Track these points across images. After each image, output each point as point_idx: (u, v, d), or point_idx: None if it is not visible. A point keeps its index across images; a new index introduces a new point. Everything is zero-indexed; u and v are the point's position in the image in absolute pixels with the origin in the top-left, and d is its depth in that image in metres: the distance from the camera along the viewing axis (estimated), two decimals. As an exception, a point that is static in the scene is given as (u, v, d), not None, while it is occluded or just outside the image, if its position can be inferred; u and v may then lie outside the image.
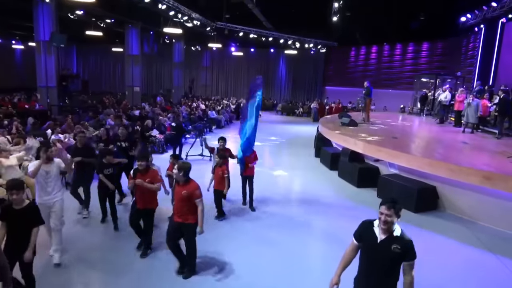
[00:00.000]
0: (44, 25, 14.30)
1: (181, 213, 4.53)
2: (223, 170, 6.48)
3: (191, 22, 17.87)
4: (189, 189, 4.48)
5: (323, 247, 5.84)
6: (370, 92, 12.24)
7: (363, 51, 27.80)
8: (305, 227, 6.54)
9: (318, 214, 7.16)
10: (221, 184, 6.47)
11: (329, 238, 6.13)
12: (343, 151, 9.69)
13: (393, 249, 2.90)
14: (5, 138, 9.04)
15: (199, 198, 4.51)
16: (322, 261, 5.36)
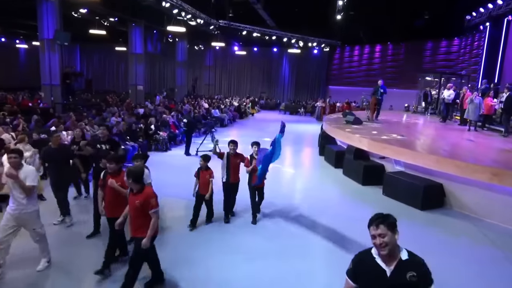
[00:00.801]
0: (48, 23, 14.31)
1: (137, 226, 3.92)
2: (210, 173, 5.94)
3: (194, 21, 17.86)
4: (142, 198, 3.82)
5: (330, 247, 5.76)
6: (377, 91, 12.18)
7: (366, 50, 27.73)
8: (310, 226, 6.48)
9: (323, 213, 7.09)
10: (206, 188, 5.91)
11: (335, 236, 6.07)
12: (348, 149, 9.63)
13: (409, 279, 2.23)
14: (10, 135, 9.06)
15: (155, 208, 3.85)
16: (327, 263, 5.30)
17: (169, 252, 5.01)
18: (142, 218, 3.86)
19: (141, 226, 3.88)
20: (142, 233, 3.86)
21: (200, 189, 5.98)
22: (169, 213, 6.60)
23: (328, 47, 26.17)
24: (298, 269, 4.87)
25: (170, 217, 6.45)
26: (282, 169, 10.44)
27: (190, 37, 24.90)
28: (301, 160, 11.96)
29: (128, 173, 3.89)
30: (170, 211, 6.68)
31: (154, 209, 3.85)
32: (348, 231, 6.18)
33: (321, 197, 8.03)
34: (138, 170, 3.97)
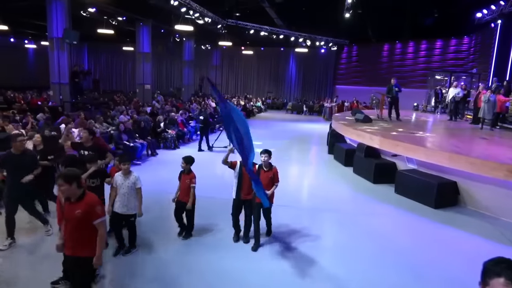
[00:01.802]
0: (57, 22, 14.37)
1: (74, 242, 3.19)
2: (191, 178, 5.25)
3: (202, 19, 17.83)
4: (84, 206, 3.13)
5: (345, 247, 5.67)
6: (391, 90, 12.05)
7: (374, 49, 27.51)
8: (322, 225, 6.40)
9: (335, 211, 7.01)
10: (187, 195, 5.24)
11: (350, 236, 5.97)
12: (358, 147, 9.52)
13: None
14: (20, 131, 9.09)
15: (100, 218, 3.19)
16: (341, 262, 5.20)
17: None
18: (83, 232, 3.16)
19: (83, 242, 3.17)
20: (85, 251, 3.17)
21: (180, 194, 5.35)
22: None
23: (335, 46, 26.00)
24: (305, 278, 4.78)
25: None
26: (292, 168, 10.36)
27: (197, 36, 24.90)
28: (310, 159, 11.86)
29: (65, 178, 3.11)
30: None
31: (101, 218, 3.21)
32: (363, 228, 6.11)
33: (333, 196, 7.93)
34: (73, 173, 3.20)
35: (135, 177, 4.79)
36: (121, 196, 4.72)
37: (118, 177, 4.77)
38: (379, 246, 5.47)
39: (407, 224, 6.52)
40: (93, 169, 4.83)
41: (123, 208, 4.72)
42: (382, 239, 5.73)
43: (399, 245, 5.56)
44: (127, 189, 4.72)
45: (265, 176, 5.07)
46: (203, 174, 6.08)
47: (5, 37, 28.47)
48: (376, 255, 5.18)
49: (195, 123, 14.37)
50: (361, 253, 5.21)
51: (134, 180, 4.76)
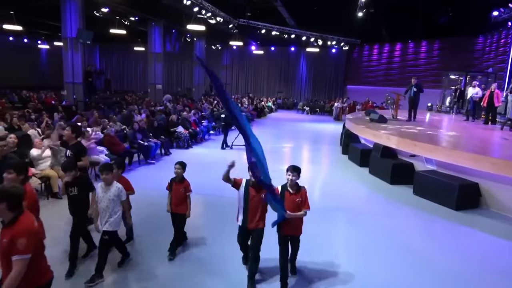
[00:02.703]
0: (71, 22, 14.48)
1: (5, 275, 2.51)
2: (186, 186, 4.71)
3: (214, 19, 17.81)
4: (10, 235, 2.45)
5: (362, 249, 5.54)
6: (410, 90, 11.81)
7: (386, 49, 27.23)
8: (338, 226, 6.28)
9: (352, 212, 6.88)
10: (182, 205, 4.72)
11: (368, 237, 5.84)
12: (374, 147, 9.37)
13: None
14: (36, 130, 9.15)
15: (18, 255, 2.41)
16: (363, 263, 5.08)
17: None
18: (6, 266, 2.48)
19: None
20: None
21: (173, 206, 4.72)
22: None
23: (347, 45, 25.78)
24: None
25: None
26: (306, 168, 10.26)
27: (208, 36, 24.92)
28: (324, 159, 11.73)
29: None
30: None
31: (19, 256, 2.41)
32: (380, 229, 5.98)
33: (349, 196, 7.81)
34: (13, 192, 2.54)
35: (117, 188, 4.15)
36: (101, 210, 4.14)
37: (99, 188, 4.17)
38: (398, 248, 5.34)
39: (426, 226, 6.37)
40: (67, 179, 4.28)
41: (104, 225, 4.13)
42: (401, 241, 5.60)
43: (419, 247, 5.41)
44: (108, 203, 4.10)
45: (291, 200, 3.92)
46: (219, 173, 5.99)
47: (19, 38, 28.87)
48: (394, 257, 5.05)
49: (207, 122, 14.35)
50: (379, 256, 5.09)
51: (117, 192, 4.13)
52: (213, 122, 14.88)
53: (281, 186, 4.03)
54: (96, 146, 8.04)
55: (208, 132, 13.82)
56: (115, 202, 4.14)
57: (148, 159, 9.51)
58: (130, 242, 5.06)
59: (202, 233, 5.50)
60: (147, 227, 5.63)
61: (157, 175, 8.53)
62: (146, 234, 5.38)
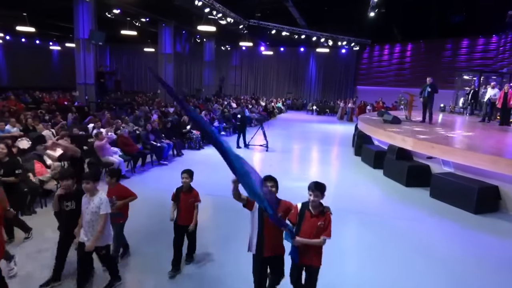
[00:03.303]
0: (84, 23, 14.59)
1: None
2: (195, 196, 4.35)
3: (225, 20, 17.80)
4: None
5: (377, 253, 5.44)
6: (425, 90, 11.58)
7: (397, 49, 26.96)
8: (352, 229, 6.18)
9: (366, 214, 6.78)
10: (189, 217, 4.31)
11: (383, 241, 5.74)
12: (389, 149, 9.24)
13: None
14: (50, 131, 9.21)
15: None
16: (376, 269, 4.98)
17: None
18: None
19: None
20: None
21: (180, 218, 4.30)
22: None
23: (358, 46, 25.58)
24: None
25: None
26: (319, 169, 10.17)
27: (218, 37, 24.94)
28: (336, 160, 11.60)
29: None
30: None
31: None
32: (396, 232, 5.88)
33: (363, 199, 7.70)
34: None
35: (99, 200, 3.74)
36: (85, 223, 3.76)
37: (84, 199, 3.82)
38: (414, 252, 5.23)
39: (444, 229, 6.24)
40: (62, 192, 3.83)
41: (87, 240, 3.75)
42: (417, 245, 5.49)
43: (436, 251, 5.29)
44: (91, 215, 3.73)
45: (311, 223, 3.26)
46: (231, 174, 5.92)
47: (31, 39, 29.23)
48: (410, 262, 4.94)
49: (218, 123, 14.33)
50: (395, 260, 4.98)
51: (98, 203, 3.73)
52: (224, 123, 14.85)
53: (301, 203, 3.38)
54: (110, 147, 8.05)
55: (220, 133, 13.79)
56: (97, 214, 3.74)
57: (161, 160, 9.51)
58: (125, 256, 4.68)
59: (211, 240, 5.23)
60: (153, 232, 5.53)
61: (170, 176, 8.52)
62: (148, 241, 5.18)
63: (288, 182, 8.64)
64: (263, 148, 12.13)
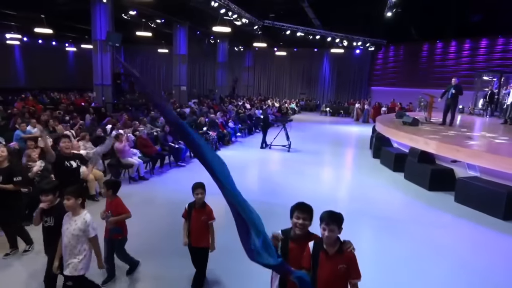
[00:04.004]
0: (101, 25, 14.73)
1: None
2: (208, 213, 3.80)
3: (240, 21, 17.76)
4: None
5: (400, 260, 5.28)
6: (448, 91, 11.23)
7: (413, 49, 26.54)
8: (374, 234, 6.03)
9: (388, 219, 6.62)
10: (204, 237, 3.79)
11: (406, 247, 5.58)
12: (411, 151, 9.04)
13: None
14: (70, 132, 9.27)
15: None
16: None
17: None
18: None
19: None
20: None
21: (193, 238, 3.77)
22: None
23: (373, 46, 25.27)
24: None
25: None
26: (337, 172, 10.02)
27: (231, 38, 24.93)
28: (354, 163, 11.44)
29: None
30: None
31: None
32: (419, 238, 5.72)
33: (384, 203, 7.54)
34: None
35: (84, 221, 3.21)
36: (63, 246, 3.24)
37: (65, 217, 3.29)
38: (439, 259, 5.06)
39: (471, 236, 6.05)
40: (44, 206, 3.40)
41: (65, 267, 3.22)
42: (443, 251, 5.32)
43: (464, 258, 5.12)
44: (71, 238, 3.19)
45: (331, 268, 2.50)
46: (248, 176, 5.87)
47: (48, 41, 29.71)
48: (435, 270, 4.78)
49: (233, 124, 14.28)
50: (419, 267, 4.82)
51: (83, 225, 3.20)
52: (239, 124, 14.80)
53: (313, 243, 2.61)
54: (129, 148, 8.06)
55: (235, 134, 13.75)
56: (80, 238, 3.19)
57: (179, 162, 9.50)
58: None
59: (227, 256, 4.51)
60: (173, 236, 5.48)
61: (188, 178, 8.46)
62: (158, 254, 4.85)
63: (310, 184, 8.56)
64: (284, 149, 12.23)
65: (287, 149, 12.14)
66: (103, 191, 4.20)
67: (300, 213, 2.64)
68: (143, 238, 5.26)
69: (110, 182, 4.09)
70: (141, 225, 5.82)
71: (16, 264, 4.50)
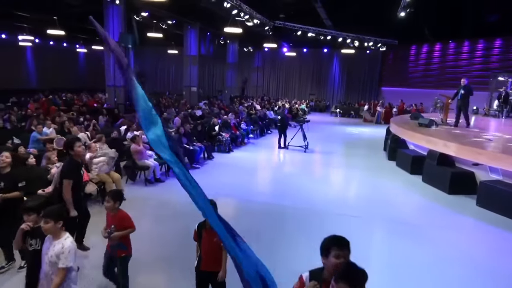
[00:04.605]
0: (113, 26, 14.75)
1: None
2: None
3: (251, 21, 17.69)
4: None
5: (421, 265, 5.15)
6: (458, 92, 11.01)
7: (425, 49, 26.23)
8: (392, 239, 5.90)
9: (406, 224, 6.50)
10: (217, 260, 3.29)
11: (426, 252, 5.45)
12: (429, 154, 8.88)
13: None
14: (85, 134, 9.29)
15: None
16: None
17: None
18: None
19: None
20: None
21: (203, 262, 3.34)
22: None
23: (384, 46, 25.01)
24: None
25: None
26: (353, 174, 9.88)
27: (241, 38, 24.87)
28: (369, 165, 11.21)
29: None
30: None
31: None
32: (440, 243, 5.60)
33: (402, 206, 7.44)
34: None
35: (61, 247, 2.79)
36: (42, 274, 2.90)
37: (46, 241, 2.93)
38: (463, 265, 4.95)
39: (495, 240, 5.91)
40: (25, 227, 3.11)
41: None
42: (466, 257, 5.21)
43: (487, 265, 4.98)
44: (49, 266, 2.82)
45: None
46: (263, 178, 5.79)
47: (59, 42, 29.95)
48: (457, 276, 4.67)
49: (245, 125, 14.21)
50: (443, 274, 4.69)
51: (58, 251, 2.78)
52: (251, 125, 14.72)
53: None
54: (145, 150, 8.03)
55: (248, 135, 13.68)
56: (56, 266, 2.78)
57: (193, 163, 9.45)
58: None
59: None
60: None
61: (204, 180, 8.32)
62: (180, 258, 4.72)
63: (326, 187, 8.45)
64: (300, 149, 12.34)
65: (304, 150, 12.22)
66: (106, 203, 3.54)
67: (340, 250, 2.16)
68: (158, 246, 5.24)
69: (116, 193, 3.65)
70: (158, 229, 5.79)
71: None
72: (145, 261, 4.56)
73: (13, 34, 24.41)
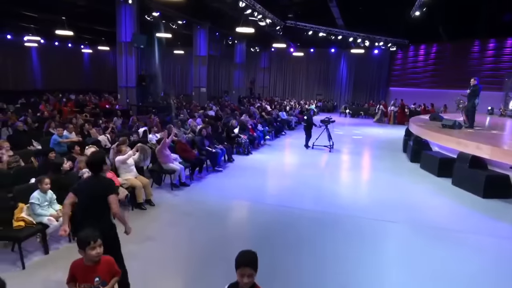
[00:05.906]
0: (126, 26, 14.54)
1: None
2: None
3: (264, 21, 17.46)
4: None
5: (458, 274, 4.90)
6: (478, 92, 10.83)
7: (434, 49, 26.02)
8: (425, 245, 5.65)
9: (438, 229, 6.26)
10: None
11: (462, 260, 5.21)
12: (460, 156, 8.65)
13: None
14: (106, 136, 9.06)
15: None
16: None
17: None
18: None
19: None
20: None
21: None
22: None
23: (394, 46, 24.79)
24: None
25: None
26: (376, 176, 9.64)
27: (251, 38, 24.64)
28: (391, 167, 10.95)
29: None
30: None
31: None
32: (477, 250, 5.38)
33: (433, 210, 7.19)
34: None
35: None
36: None
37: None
38: (504, 274, 4.71)
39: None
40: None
41: None
42: (505, 265, 4.95)
43: None
44: None
45: None
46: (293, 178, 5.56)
47: (64, 42, 29.72)
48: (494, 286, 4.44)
49: (261, 127, 13.98)
50: (486, 283, 4.47)
51: None
52: (267, 127, 14.49)
53: None
54: (170, 153, 7.79)
55: (264, 137, 13.45)
56: None
57: (216, 167, 9.22)
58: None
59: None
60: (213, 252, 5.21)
61: (228, 183, 8.29)
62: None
63: (350, 190, 8.21)
64: (325, 149, 12.42)
65: (329, 150, 12.29)
66: (94, 253, 2.70)
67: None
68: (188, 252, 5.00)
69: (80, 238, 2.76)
70: (189, 237, 5.54)
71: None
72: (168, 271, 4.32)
73: (18, 35, 24.17)
